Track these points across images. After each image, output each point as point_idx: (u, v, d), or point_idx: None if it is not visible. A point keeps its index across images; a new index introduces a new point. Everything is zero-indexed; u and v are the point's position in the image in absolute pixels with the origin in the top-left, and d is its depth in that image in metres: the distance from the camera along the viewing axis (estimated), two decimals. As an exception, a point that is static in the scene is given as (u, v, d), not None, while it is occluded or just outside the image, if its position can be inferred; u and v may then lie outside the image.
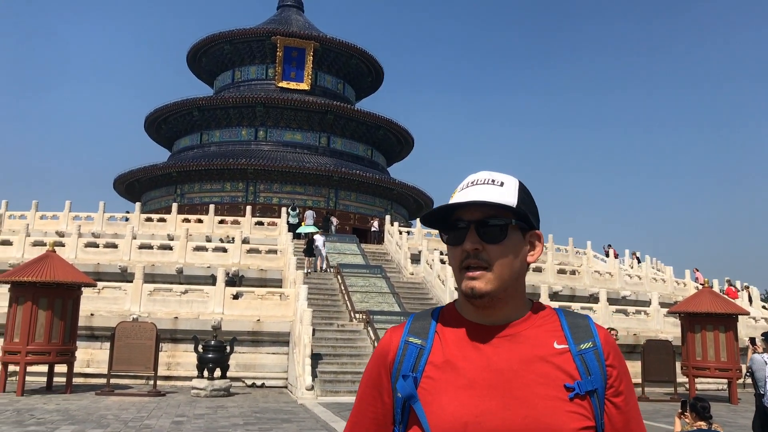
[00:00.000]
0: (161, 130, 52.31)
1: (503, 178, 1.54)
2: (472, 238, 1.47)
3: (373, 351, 1.63)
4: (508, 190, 1.51)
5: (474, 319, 1.52)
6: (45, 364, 15.38)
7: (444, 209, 1.52)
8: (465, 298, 1.50)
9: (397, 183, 49.01)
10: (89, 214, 30.67)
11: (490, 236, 1.48)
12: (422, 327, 1.56)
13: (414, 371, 1.49)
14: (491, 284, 1.46)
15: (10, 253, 23.72)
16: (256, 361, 18.10)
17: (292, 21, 53.70)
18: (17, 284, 14.88)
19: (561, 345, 1.48)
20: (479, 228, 1.48)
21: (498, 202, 1.48)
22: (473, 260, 1.47)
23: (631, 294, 27.41)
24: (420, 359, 1.50)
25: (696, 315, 18.02)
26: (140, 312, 18.26)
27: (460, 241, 1.49)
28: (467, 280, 1.47)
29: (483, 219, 1.48)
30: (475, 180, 1.54)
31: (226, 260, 23.91)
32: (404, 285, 24.45)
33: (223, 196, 44.90)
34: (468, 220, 1.49)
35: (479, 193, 1.49)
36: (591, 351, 1.48)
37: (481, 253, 1.47)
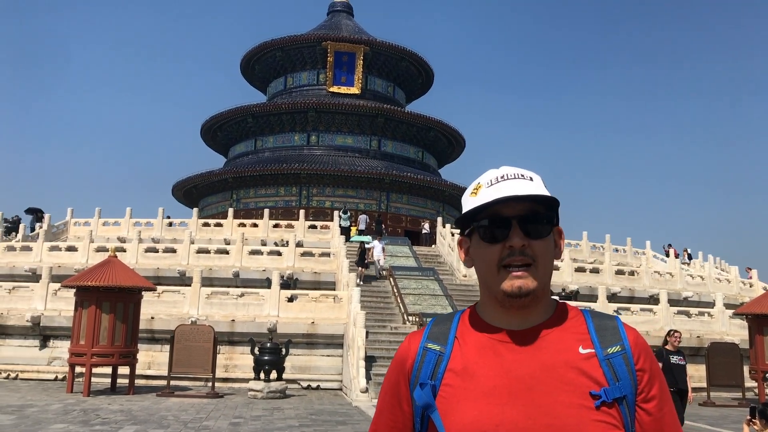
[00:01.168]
0: (217, 137, 53.52)
1: (530, 173, 1.49)
2: (518, 233, 1.41)
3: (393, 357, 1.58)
4: (539, 185, 1.46)
5: (496, 323, 1.46)
6: (109, 366, 15.90)
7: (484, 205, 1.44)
8: (503, 298, 1.42)
9: (449, 184, 48.75)
10: (149, 220, 31.64)
11: (535, 231, 1.42)
12: (442, 332, 1.50)
13: (432, 379, 1.44)
14: (537, 281, 1.41)
15: (75, 259, 24.67)
16: (311, 364, 18.27)
17: (342, 26, 54.14)
18: (82, 289, 15.44)
19: (587, 349, 1.41)
20: (522, 223, 1.41)
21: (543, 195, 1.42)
22: (518, 257, 1.41)
23: (694, 295, 26.47)
24: (439, 366, 1.45)
25: (765, 317, 17.27)
26: (198, 315, 18.69)
27: (501, 238, 1.42)
28: (512, 279, 1.40)
29: (527, 214, 1.42)
30: (504, 175, 1.47)
31: (281, 263, 24.25)
32: (457, 287, 24.28)
33: (277, 201, 45.60)
34: (509, 216, 1.42)
35: (515, 187, 1.43)
36: (619, 355, 1.40)
37: (527, 249, 1.41)
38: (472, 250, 1.51)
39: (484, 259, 1.45)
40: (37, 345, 18.88)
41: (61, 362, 17.93)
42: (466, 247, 1.53)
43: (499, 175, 1.47)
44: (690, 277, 28.89)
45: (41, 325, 18.71)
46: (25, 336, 18.90)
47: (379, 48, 51.39)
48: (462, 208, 1.53)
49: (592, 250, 32.57)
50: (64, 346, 17.81)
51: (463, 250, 1.55)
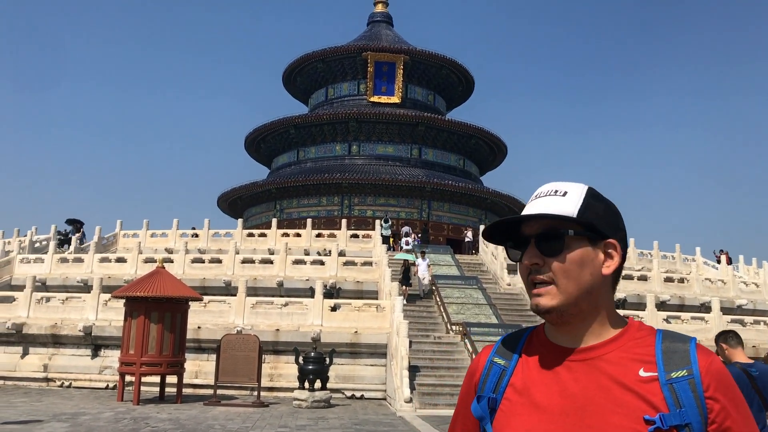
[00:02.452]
0: (260, 148, 54.35)
1: (567, 187, 1.47)
2: (530, 252, 1.43)
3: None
4: (570, 199, 1.44)
5: (555, 340, 1.46)
6: (157, 375, 16.22)
7: (504, 226, 1.49)
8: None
9: (491, 192, 48.39)
10: (195, 231, 32.25)
11: (548, 249, 1.42)
12: (509, 347, 1.53)
13: (495, 392, 1.47)
14: (556, 299, 1.40)
15: (124, 270, 25.30)
16: (355, 373, 18.29)
17: (382, 36, 54.45)
18: (131, 299, 15.81)
19: (648, 372, 1.35)
20: (539, 241, 1.43)
21: (554, 213, 1.41)
22: (536, 275, 1.43)
23: (748, 303, 25.59)
24: (501, 380, 1.48)
25: (824, 325, 16.56)
26: (244, 324, 18.93)
27: (521, 259, 1.46)
28: (533, 297, 1.43)
29: (543, 232, 1.43)
30: (539, 193, 1.49)
31: (324, 273, 24.40)
32: (501, 296, 24.01)
33: (319, 210, 45.99)
34: (528, 235, 1.45)
35: (540, 206, 1.45)
36: (684, 380, 1.33)
37: (543, 267, 1.42)
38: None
39: (520, 275, 1.50)
40: (89, 354, 19.41)
41: (112, 371, 18.38)
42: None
43: (536, 194, 1.49)
44: (744, 284, 27.94)
45: (93, 334, 19.23)
46: (78, 345, 19.46)
47: (418, 57, 51.48)
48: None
49: (639, 257, 31.83)
50: (114, 355, 18.26)
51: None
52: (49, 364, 19.28)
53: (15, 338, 19.57)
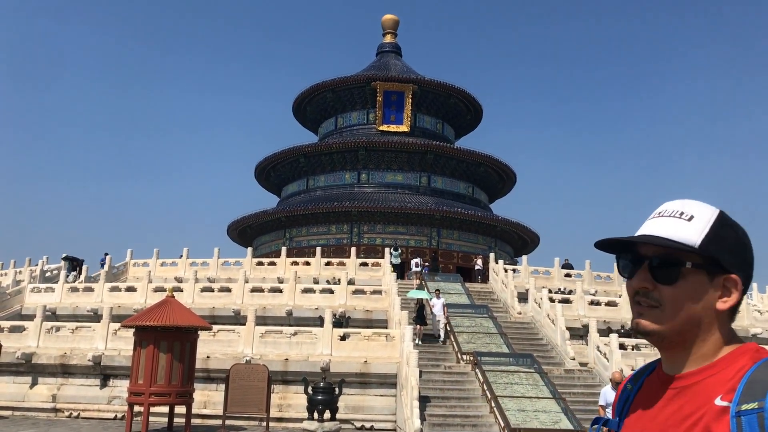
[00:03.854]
0: (270, 177, 54.67)
1: (695, 211, 1.39)
2: (641, 275, 1.39)
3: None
4: (695, 226, 1.36)
5: (663, 367, 1.45)
6: (166, 405, 16.12)
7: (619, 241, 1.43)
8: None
9: (500, 220, 48.29)
10: (205, 260, 32.33)
11: (662, 276, 1.37)
12: (640, 372, 1.55)
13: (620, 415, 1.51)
14: (659, 324, 1.36)
15: (134, 299, 25.35)
16: (364, 403, 18.11)
17: (391, 66, 55.03)
18: (141, 329, 15.79)
19: (724, 402, 1.26)
20: (653, 266, 1.37)
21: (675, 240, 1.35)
22: (642, 298, 1.39)
23: (763, 331, 25.24)
24: (626, 404, 1.51)
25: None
26: (253, 354, 18.84)
27: (630, 276, 1.43)
28: (635, 316, 1.40)
29: (656, 257, 1.38)
30: (663, 211, 1.43)
31: (333, 302, 24.33)
32: (512, 325, 23.80)
33: (328, 239, 46.01)
34: (642, 255, 1.40)
35: (660, 227, 1.39)
36: (753, 414, 1.20)
37: (652, 292, 1.37)
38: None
39: (626, 288, 1.48)
40: (98, 384, 19.35)
41: (121, 401, 18.30)
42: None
43: (660, 211, 1.44)
44: (758, 312, 27.60)
45: (102, 364, 19.19)
46: (87, 375, 19.41)
47: (427, 86, 51.93)
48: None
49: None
50: (123, 385, 18.19)
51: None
52: (58, 394, 19.23)
53: (24, 368, 19.56)
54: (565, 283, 30.76)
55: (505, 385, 17.06)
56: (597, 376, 19.03)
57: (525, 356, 19.19)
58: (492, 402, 16.13)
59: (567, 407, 15.75)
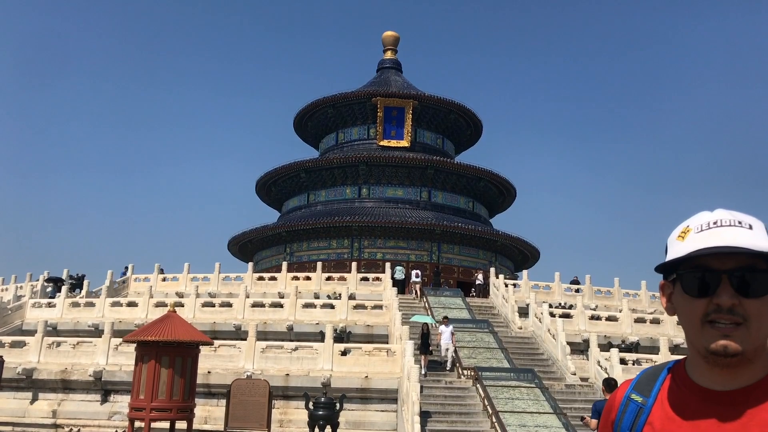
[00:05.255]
0: (271, 192, 54.85)
1: (750, 220, 1.36)
2: (728, 291, 1.30)
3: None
4: (760, 235, 1.33)
5: (700, 381, 1.37)
6: (167, 421, 16.09)
7: (691, 255, 1.34)
8: (708, 356, 1.33)
9: (501, 234, 48.37)
10: (206, 275, 32.38)
11: (749, 289, 1.29)
12: (647, 384, 1.46)
13: (632, 430, 1.41)
14: (747, 343, 1.29)
15: (135, 314, 25.36)
16: (365, 419, 18.08)
17: (392, 82, 55.41)
18: (142, 343, 15.79)
19: None
20: (734, 279, 1.30)
21: (761, 250, 1.28)
22: (726, 315, 1.30)
23: None
24: (639, 418, 1.41)
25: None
26: (253, 369, 18.84)
27: (708, 293, 1.32)
28: (717, 338, 1.30)
29: (740, 268, 1.30)
30: (717, 221, 1.36)
31: (334, 317, 24.34)
32: (512, 340, 23.80)
33: (329, 254, 46.05)
34: (719, 270, 1.31)
35: (729, 237, 1.32)
36: None
37: (737, 308, 1.29)
38: (674, 298, 1.41)
39: (688, 312, 1.36)
40: (98, 399, 19.34)
41: (121, 417, 18.28)
42: (668, 293, 1.44)
43: (712, 221, 1.36)
44: None
45: (103, 379, 19.19)
46: (88, 390, 19.40)
47: (427, 102, 52.26)
48: (667, 251, 1.43)
49: (651, 300, 31.57)
50: (124, 400, 18.19)
51: (665, 297, 1.46)
52: (58, 410, 19.20)
53: (25, 383, 19.55)
54: (566, 298, 30.79)
55: (506, 400, 17.05)
56: (598, 390, 19.00)
57: (526, 371, 19.19)
58: (493, 417, 16.12)
59: (568, 422, 15.74)
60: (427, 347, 20.45)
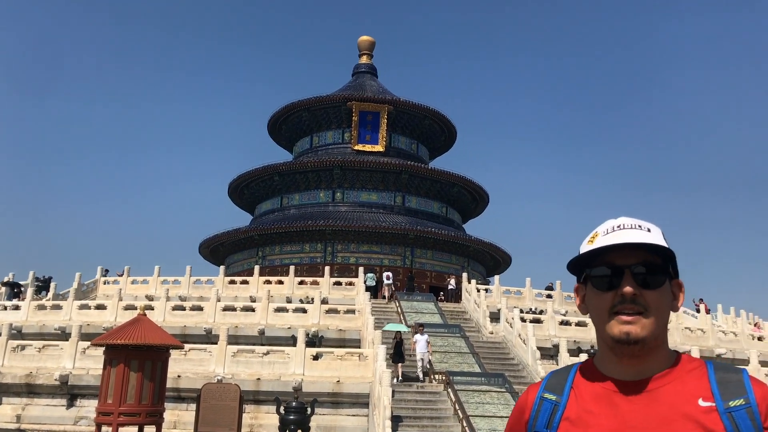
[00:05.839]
0: (244, 195, 54.49)
1: (649, 225, 1.52)
2: (630, 282, 1.44)
3: (513, 407, 1.64)
4: (656, 236, 1.48)
5: (613, 375, 1.48)
6: (135, 425, 15.88)
7: (595, 252, 1.48)
8: (613, 344, 1.45)
9: (473, 240, 48.71)
10: (177, 278, 32.03)
11: (648, 281, 1.45)
12: (558, 383, 1.54)
13: (548, 427, 1.49)
14: (646, 330, 1.43)
15: (104, 317, 24.97)
16: (337, 423, 18.06)
17: (367, 86, 55.52)
18: (111, 347, 15.58)
19: (707, 402, 1.39)
20: (636, 273, 1.45)
21: (661, 245, 1.45)
22: (629, 305, 1.44)
23: (727, 352, 25.78)
24: (554, 415, 1.49)
25: (802, 375, 16.73)
26: (224, 373, 18.70)
27: (613, 286, 1.46)
28: (621, 325, 1.43)
29: (640, 263, 1.45)
30: (621, 224, 1.51)
31: (306, 321, 24.26)
32: (484, 345, 23.98)
33: (302, 257, 45.90)
34: (622, 264, 1.46)
35: (630, 237, 1.46)
36: (742, 409, 1.38)
37: (639, 298, 1.44)
38: (587, 297, 1.54)
39: (597, 306, 1.50)
40: (64, 404, 19.00)
41: (88, 421, 17.98)
42: (581, 295, 1.58)
43: (616, 225, 1.51)
44: (722, 333, 28.20)
45: (69, 384, 18.87)
46: (53, 395, 19.05)
47: (402, 107, 52.47)
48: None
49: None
50: (91, 405, 17.90)
51: (579, 298, 1.60)
52: (23, 414, 18.82)
53: (-12, 387, 19.13)
54: (537, 303, 31.13)
55: (476, 404, 17.19)
56: (567, 395, 19.22)
57: (496, 375, 19.36)
58: (464, 422, 16.23)
59: (537, 427, 15.88)
60: (400, 356, 20.14)
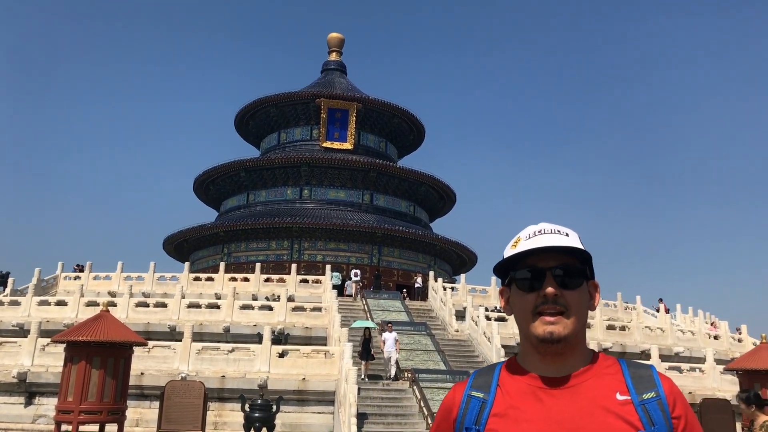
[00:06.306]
0: (209, 191, 53.88)
1: (567, 230, 1.61)
2: (552, 284, 1.53)
3: (439, 407, 1.69)
4: (574, 240, 1.58)
5: (537, 371, 1.56)
6: (96, 424, 15.62)
7: (518, 256, 1.57)
8: (537, 344, 1.53)
9: (440, 239, 49.02)
10: (140, 274, 31.54)
11: (567, 283, 1.54)
12: (485, 381, 1.61)
13: (477, 424, 1.54)
14: (568, 329, 1.51)
15: (65, 314, 24.46)
16: (302, 421, 18.03)
17: (336, 84, 55.39)
18: (72, 344, 15.30)
19: (623, 396, 1.50)
20: (556, 274, 1.54)
21: (579, 248, 1.55)
22: (550, 306, 1.52)
23: (685, 350, 26.48)
24: (483, 412, 1.55)
25: (756, 372, 17.27)
26: (189, 371, 18.51)
27: (535, 288, 1.54)
28: (545, 325, 1.51)
29: (560, 266, 1.54)
30: (541, 230, 1.60)
31: (272, 318, 24.14)
32: (449, 342, 24.19)
33: (268, 255, 45.59)
34: (543, 267, 1.54)
35: (550, 241, 1.55)
36: (654, 401, 1.50)
37: (559, 298, 1.52)
38: (512, 299, 1.62)
39: (521, 307, 1.57)
40: (22, 402, 18.57)
41: (47, 420, 17.62)
42: (506, 297, 1.66)
43: (537, 230, 1.61)
44: (681, 332, 28.93)
45: (27, 381, 18.44)
46: (11, 393, 18.60)
47: (371, 105, 52.49)
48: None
49: (582, 304, 32.62)
50: (50, 403, 17.54)
51: (503, 299, 1.67)
52: (-22, 413, 18.33)
53: (-58, 385, 18.59)
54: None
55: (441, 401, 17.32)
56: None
57: (462, 373, 19.54)
58: (429, 419, 16.37)
59: (501, 423, 16.10)
60: (368, 353, 20.07)
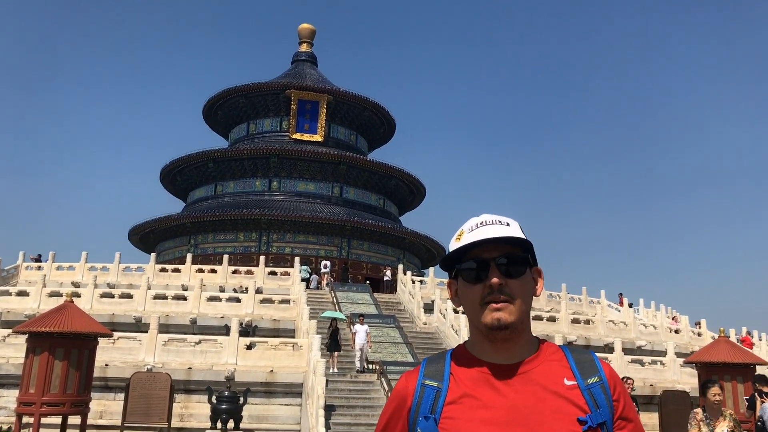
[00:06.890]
0: (176, 181, 53.17)
1: (508, 220, 1.66)
2: (496, 273, 1.57)
3: (389, 397, 1.72)
4: (515, 230, 1.63)
5: (487, 359, 1.60)
6: (59, 416, 15.37)
7: (462, 249, 1.61)
8: (487, 332, 1.58)
9: (409, 232, 49.22)
10: (105, 264, 31.04)
11: (511, 271, 1.59)
12: (437, 370, 1.63)
13: (432, 412, 1.56)
14: (514, 315, 1.56)
15: (26, 304, 23.95)
16: (269, 413, 17.99)
17: (306, 75, 55.04)
18: (35, 335, 15.01)
19: (570, 381, 1.58)
20: (500, 264, 1.59)
21: (521, 238, 1.61)
22: (496, 295, 1.57)
23: (647, 344, 27.09)
24: (437, 401, 1.57)
25: (713, 365, 17.78)
26: (154, 362, 18.30)
27: (481, 278, 1.59)
28: (492, 312, 1.56)
29: (503, 255, 1.59)
30: (483, 221, 1.64)
31: (240, 310, 24.00)
32: (417, 335, 24.35)
33: (236, 246, 45.25)
34: (487, 258, 1.59)
35: (492, 232, 1.60)
36: (597, 385, 1.58)
37: (505, 287, 1.57)
38: (459, 291, 1.66)
39: (469, 298, 1.61)
40: (-19, 394, 18.16)
41: (7, 412, 17.27)
42: (454, 289, 1.69)
43: (479, 222, 1.65)
44: (643, 326, 29.59)
45: (-13, 373, 18.05)
46: (-30, 385, 18.18)
47: (342, 97, 52.31)
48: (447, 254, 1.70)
49: (548, 298, 33.13)
50: (10, 395, 17.18)
51: (451, 292, 1.70)
52: (-65, 405, 17.88)
53: None
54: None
55: (409, 393, 17.44)
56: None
57: (429, 366, 19.67)
58: (396, 410, 16.46)
59: (467, 415, 16.30)
60: (336, 344, 19.95)
